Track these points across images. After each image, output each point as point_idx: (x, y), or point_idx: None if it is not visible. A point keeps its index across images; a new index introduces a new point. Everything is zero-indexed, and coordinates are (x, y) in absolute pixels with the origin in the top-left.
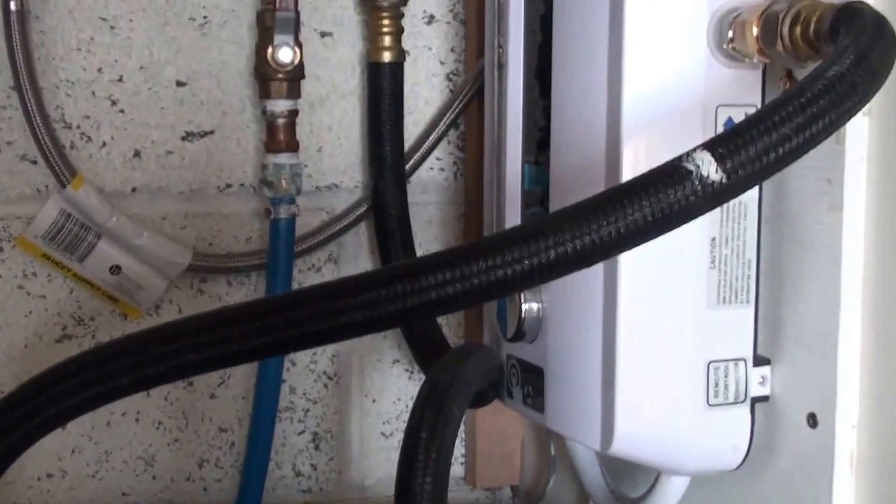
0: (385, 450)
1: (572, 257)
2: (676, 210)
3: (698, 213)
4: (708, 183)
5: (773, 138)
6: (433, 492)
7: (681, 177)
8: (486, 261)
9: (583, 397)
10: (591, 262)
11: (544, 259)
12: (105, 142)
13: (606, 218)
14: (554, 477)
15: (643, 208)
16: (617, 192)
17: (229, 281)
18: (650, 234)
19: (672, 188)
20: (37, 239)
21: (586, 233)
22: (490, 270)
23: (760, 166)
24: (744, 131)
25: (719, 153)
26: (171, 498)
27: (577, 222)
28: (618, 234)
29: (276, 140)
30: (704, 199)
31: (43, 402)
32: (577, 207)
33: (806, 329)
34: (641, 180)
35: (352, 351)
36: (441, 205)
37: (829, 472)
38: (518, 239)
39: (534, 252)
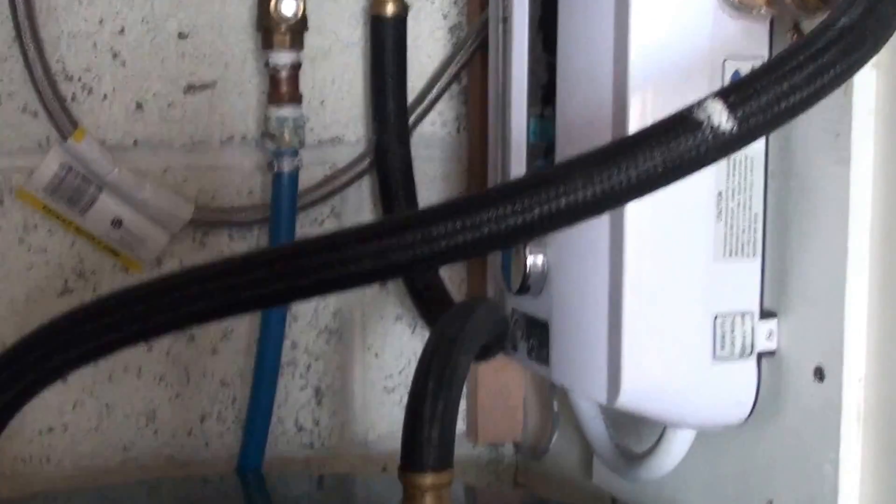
0: (387, 405)
1: (582, 206)
2: (687, 159)
3: (709, 162)
4: (719, 132)
5: (784, 88)
6: (440, 443)
7: (692, 126)
8: (496, 209)
9: (588, 350)
10: (602, 211)
11: (554, 207)
12: (106, 94)
13: (617, 166)
14: (557, 432)
15: (654, 157)
16: (628, 141)
17: (231, 234)
18: (661, 183)
19: (683, 137)
20: (38, 192)
21: (597, 181)
22: (500, 219)
23: (771, 115)
24: (754, 81)
25: (730, 102)
26: (173, 452)
27: (587, 171)
28: (628, 182)
29: (279, 92)
30: (715, 148)
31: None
32: (588, 156)
33: (813, 282)
34: (652, 129)
35: (354, 306)
36: (444, 160)
37: (835, 426)
38: (528, 187)
39: (544, 200)
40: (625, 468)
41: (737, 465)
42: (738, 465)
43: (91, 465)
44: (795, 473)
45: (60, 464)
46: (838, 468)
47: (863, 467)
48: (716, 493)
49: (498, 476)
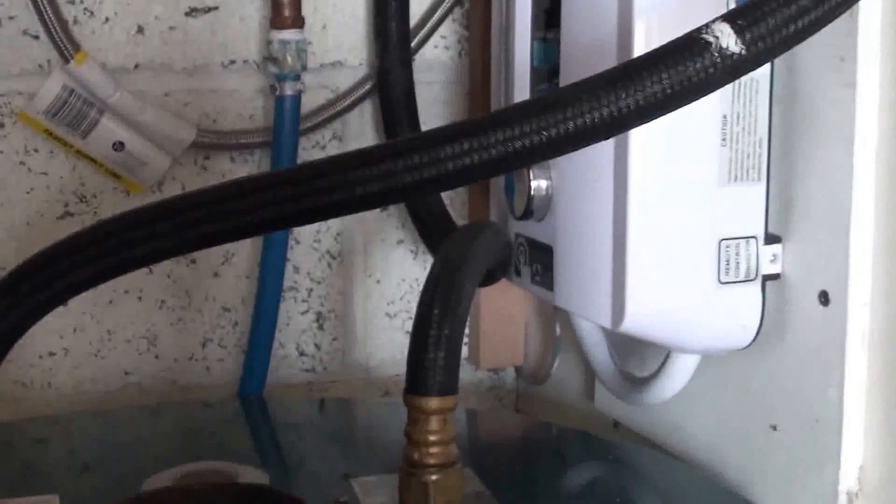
0: (389, 330)
1: (590, 129)
2: (695, 82)
3: (717, 85)
4: (727, 54)
5: (793, 10)
6: (446, 366)
7: (700, 48)
8: (503, 131)
9: (593, 275)
10: (610, 135)
11: (562, 130)
12: (108, 17)
13: (625, 89)
14: (559, 358)
15: (662, 80)
16: (635, 63)
17: (233, 158)
18: (669, 107)
19: (691, 60)
20: (39, 114)
21: (604, 104)
22: (508, 141)
23: (780, 38)
24: (763, 3)
25: (738, 25)
26: (174, 377)
27: (595, 94)
28: (636, 105)
29: (282, 16)
30: (724, 70)
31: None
32: (595, 79)
33: (818, 206)
34: (660, 52)
35: (356, 230)
36: (445, 84)
37: (840, 350)
38: (536, 110)
39: (552, 123)
40: (628, 393)
41: (740, 390)
42: (742, 389)
43: (92, 390)
44: (799, 398)
45: (61, 388)
46: (843, 392)
47: (868, 392)
48: (719, 417)
49: (499, 401)
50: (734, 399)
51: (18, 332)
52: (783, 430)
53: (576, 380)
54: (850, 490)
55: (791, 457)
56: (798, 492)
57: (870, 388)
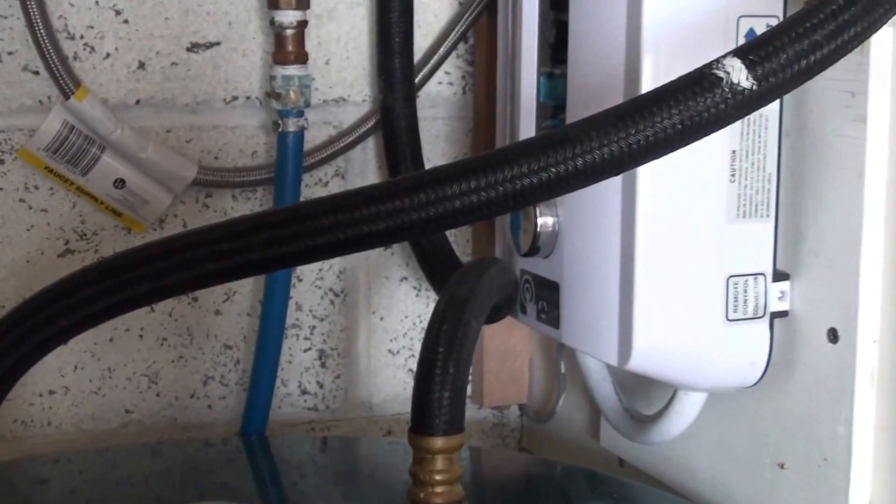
0: (392, 367)
1: (600, 165)
2: (706, 118)
3: (728, 121)
4: (738, 90)
5: (804, 45)
6: (451, 406)
7: (710, 84)
8: (511, 169)
9: (600, 312)
10: (619, 171)
11: (571, 167)
12: (109, 53)
13: (635, 125)
14: (564, 395)
15: (672, 116)
16: (645, 99)
17: (235, 195)
18: (679, 143)
19: (702, 95)
20: (39, 151)
21: (614, 140)
22: (516, 179)
23: (791, 74)
24: (774, 38)
25: (750, 60)
26: (175, 415)
27: (604, 130)
28: (646, 142)
29: (285, 51)
30: (735, 106)
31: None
32: (605, 115)
33: (827, 243)
34: (670, 87)
35: (359, 267)
36: (449, 119)
37: (849, 388)
38: (545, 147)
39: (560, 160)
40: (634, 431)
41: (748, 427)
42: (749, 426)
43: (92, 428)
44: (807, 435)
45: (61, 426)
46: (852, 429)
47: (876, 429)
48: (726, 454)
49: (503, 439)
50: (741, 437)
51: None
52: (791, 467)
53: (581, 418)
54: None
55: (799, 495)
56: None
57: (878, 425)
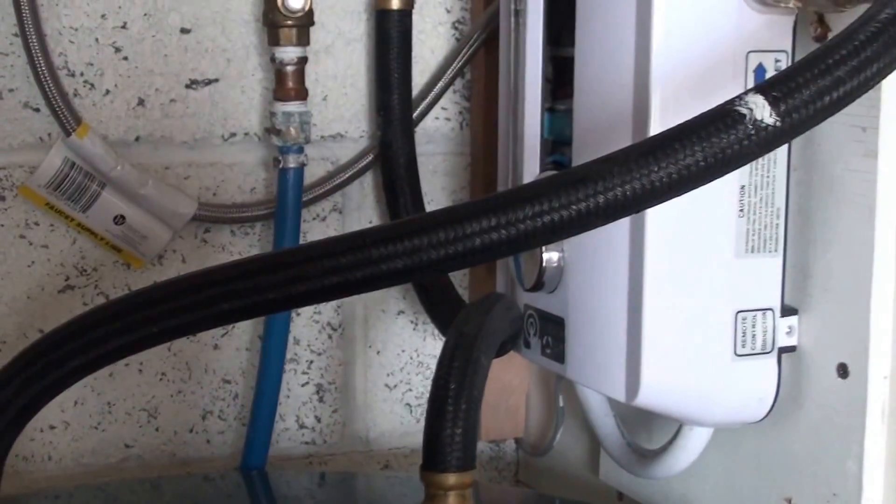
0: (389, 402)
1: (622, 203)
2: (730, 155)
3: (751, 157)
4: (762, 126)
5: (827, 81)
6: (463, 443)
7: (734, 120)
8: (532, 206)
9: (607, 348)
10: (642, 209)
11: (593, 205)
12: (109, 90)
13: (657, 163)
14: (562, 429)
15: (695, 153)
16: (668, 135)
17: (233, 231)
18: (703, 180)
19: (725, 132)
20: (40, 188)
21: (636, 178)
22: (537, 216)
23: (814, 110)
24: (797, 74)
25: (773, 96)
26: (174, 450)
27: (626, 167)
28: (669, 179)
29: (285, 88)
30: (758, 143)
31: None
32: (627, 152)
33: (836, 278)
34: (693, 124)
35: (356, 302)
36: (447, 155)
37: (860, 423)
38: (566, 184)
39: (582, 198)
40: (637, 465)
41: (754, 462)
42: (756, 462)
43: (93, 463)
44: (816, 470)
45: (62, 461)
46: (862, 465)
47: (887, 465)
48: (731, 490)
49: (499, 472)
50: (747, 472)
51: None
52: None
53: (579, 451)
54: None
55: None
56: None
57: (889, 461)
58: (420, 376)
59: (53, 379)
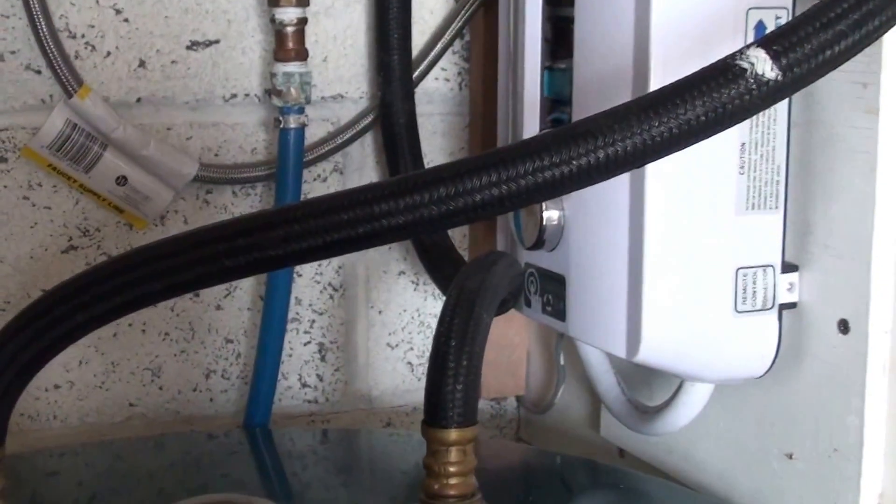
0: (391, 360)
1: (623, 158)
2: (730, 109)
3: (753, 112)
4: (763, 81)
5: (829, 35)
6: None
7: (735, 75)
8: (533, 162)
9: (608, 305)
10: (642, 164)
11: (593, 160)
12: (110, 51)
13: (658, 118)
14: (563, 387)
15: (696, 108)
16: (669, 90)
17: (235, 191)
18: (703, 135)
19: (726, 87)
20: (42, 149)
21: (637, 133)
22: (538, 171)
23: (816, 64)
24: (799, 28)
25: (774, 50)
26: (178, 408)
27: (627, 122)
28: (670, 133)
29: (286, 49)
30: (759, 97)
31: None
32: (627, 107)
33: (837, 234)
34: (694, 79)
35: (357, 262)
36: (446, 115)
37: (861, 378)
38: (567, 139)
39: (583, 153)
40: (639, 422)
41: (755, 418)
42: (757, 417)
43: (97, 422)
44: (817, 425)
45: (67, 420)
46: (863, 420)
47: (889, 418)
48: (732, 445)
49: (500, 430)
50: (749, 427)
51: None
52: (800, 458)
53: (580, 409)
54: None
55: (808, 486)
56: None
57: (891, 415)
58: (421, 335)
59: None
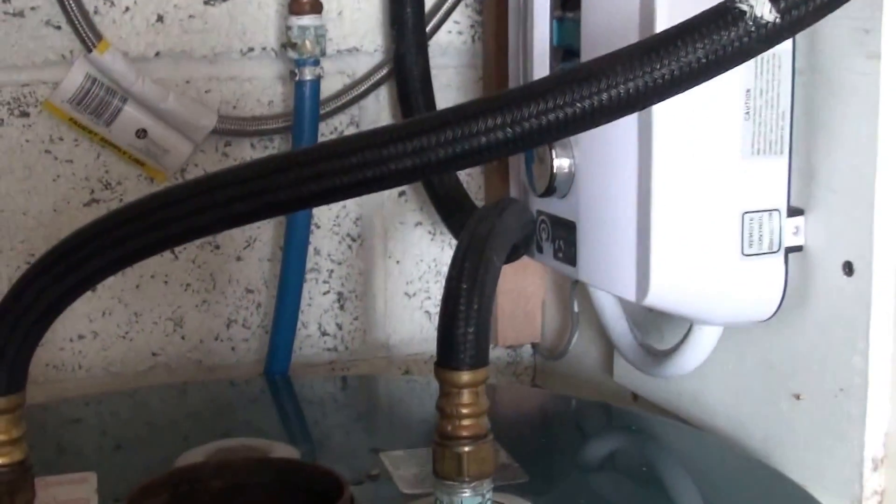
0: (409, 309)
1: (625, 100)
2: (730, 51)
3: (752, 54)
4: (762, 23)
5: None
6: (476, 340)
7: (734, 18)
8: (538, 104)
9: (617, 249)
10: (645, 106)
11: (597, 102)
12: (128, 7)
13: (660, 60)
14: (577, 333)
15: (696, 50)
16: (669, 34)
17: (253, 144)
18: (704, 76)
19: (726, 29)
20: (63, 103)
21: (639, 75)
22: (542, 114)
23: (814, 6)
24: None
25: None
26: (200, 357)
27: (630, 65)
28: (671, 76)
29: (300, 2)
30: (758, 39)
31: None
32: (629, 50)
33: (841, 178)
34: (694, 22)
35: (375, 213)
36: (459, 68)
37: (865, 319)
38: (570, 82)
39: (586, 95)
40: (650, 365)
41: (763, 360)
42: (765, 359)
43: (121, 371)
44: (823, 367)
45: (91, 370)
46: (868, 360)
47: (893, 359)
48: (741, 387)
49: (517, 377)
50: (756, 369)
51: (58, 309)
52: (807, 398)
53: (594, 354)
54: (876, 457)
55: (815, 425)
56: (822, 459)
57: (895, 355)
58: (438, 285)
59: (76, 279)
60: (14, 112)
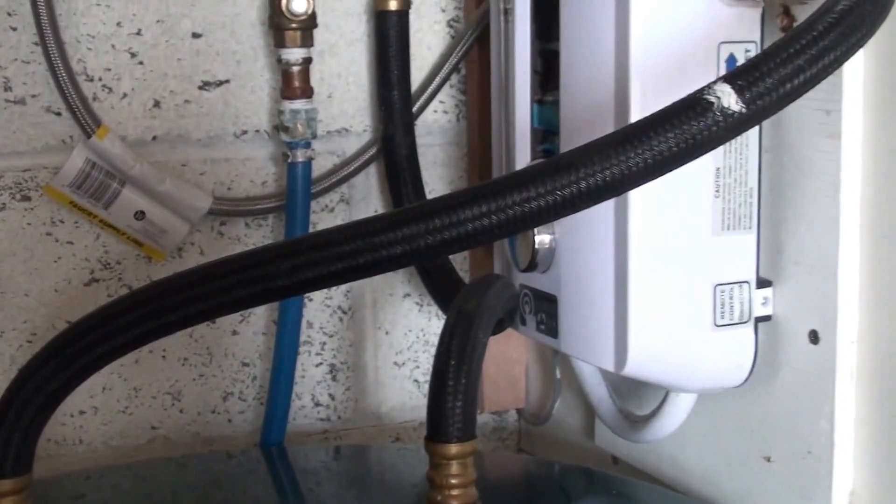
0: (399, 378)
1: (602, 188)
2: (700, 140)
3: (720, 142)
4: (729, 113)
5: (789, 70)
6: (463, 414)
7: (703, 108)
8: (521, 193)
9: (596, 322)
10: (621, 192)
11: (576, 190)
12: (126, 93)
13: (634, 149)
14: (560, 399)
15: (668, 139)
16: (642, 124)
17: (247, 223)
18: (675, 164)
19: (695, 119)
20: (64, 187)
21: (615, 164)
22: (525, 202)
23: (777, 97)
24: (761, 64)
25: (739, 85)
26: (198, 430)
27: (605, 154)
28: (645, 164)
29: (292, 87)
30: (726, 128)
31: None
32: (605, 140)
33: (806, 251)
34: (665, 112)
35: (364, 286)
36: (445, 146)
37: (830, 385)
38: (550, 172)
39: (566, 184)
40: (629, 430)
41: (736, 425)
42: (737, 424)
43: (121, 445)
44: (792, 430)
45: (92, 444)
46: (834, 424)
47: (857, 423)
48: (715, 450)
49: (502, 441)
50: (730, 433)
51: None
52: (777, 461)
53: (576, 419)
54: None
55: (785, 486)
56: None
57: (858, 419)
58: (426, 354)
59: (82, 364)
60: (16, 196)
